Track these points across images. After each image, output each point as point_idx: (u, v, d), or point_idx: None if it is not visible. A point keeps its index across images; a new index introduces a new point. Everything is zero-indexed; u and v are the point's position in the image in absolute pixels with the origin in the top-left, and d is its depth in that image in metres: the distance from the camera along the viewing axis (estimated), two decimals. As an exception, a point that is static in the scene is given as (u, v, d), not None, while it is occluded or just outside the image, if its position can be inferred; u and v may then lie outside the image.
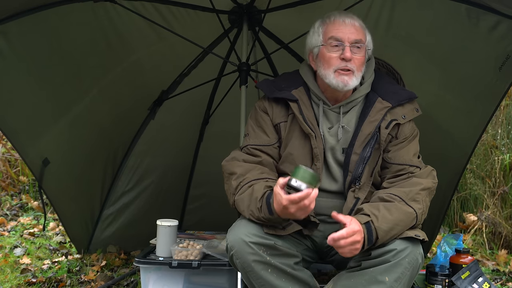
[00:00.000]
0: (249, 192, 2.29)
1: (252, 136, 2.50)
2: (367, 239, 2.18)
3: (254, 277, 2.25)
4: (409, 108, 2.47)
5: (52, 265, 3.78)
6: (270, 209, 2.19)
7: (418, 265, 2.24)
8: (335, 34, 2.40)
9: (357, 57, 2.39)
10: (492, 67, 2.79)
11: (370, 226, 2.19)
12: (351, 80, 2.39)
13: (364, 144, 2.40)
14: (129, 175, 3.88)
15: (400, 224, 2.24)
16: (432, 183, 2.39)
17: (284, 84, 2.53)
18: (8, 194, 5.42)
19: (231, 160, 2.46)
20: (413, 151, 2.45)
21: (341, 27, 2.41)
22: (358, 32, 2.41)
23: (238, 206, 2.34)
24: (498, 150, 4.75)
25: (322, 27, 2.46)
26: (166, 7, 3.14)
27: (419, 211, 2.30)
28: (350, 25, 2.41)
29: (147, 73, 3.49)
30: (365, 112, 2.45)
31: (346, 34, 2.39)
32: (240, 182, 2.34)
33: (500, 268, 3.89)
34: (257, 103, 2.56)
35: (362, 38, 2.42)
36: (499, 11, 2.62)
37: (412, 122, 2.49)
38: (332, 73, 2.39)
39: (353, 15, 2.46)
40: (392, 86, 2.52)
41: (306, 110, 2.44)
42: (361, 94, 2.48)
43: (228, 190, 2.41)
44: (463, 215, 4.63)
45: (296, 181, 2.08)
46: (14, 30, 2.67)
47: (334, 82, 2.39)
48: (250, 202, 2.26)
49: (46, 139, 3.22)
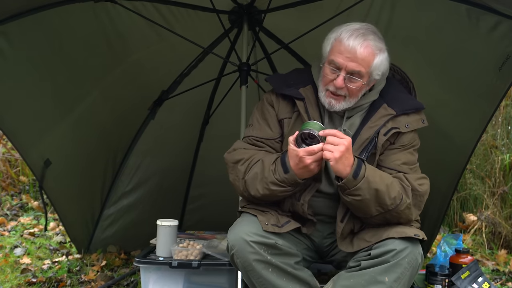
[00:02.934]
0: (259, 165, 2.34)
1: (256, 127, 2.51)
2: (353, 171, 2.21)
3: (255, 276, 2.25)
4: (414, 118, 2.45)
5: (52, 265, 3.78)
6: (286, 167, 2.25)
7: (418, 265, 2.25)
8: (335, 58, 2.35)
9: (351, 86, 2.36)
10: (492, 67, 2.79)
11: (361, 163, 2.25)
12: (338, 104, 2.39)
13: (361, 149, 2.40)
14: (129, 175, 3.88)
15: (383, 185, 2.25)
16: (418, 186, 2.36)
17: (294, 80, 2.52)
18: (8, 194, 5.42)
19: (233, 150, 2.47)
20: (404, 159, 2.41)
21: (344, 52, 2.34)
22: (359, 65, 2.33)
23: (249, 185, 2.35)
24: (498, 150, 4.75)
25: (333, 41, 2.40)
26: (166, 7, 3.14)
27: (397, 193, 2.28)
28: (353, 52, 2.33)
29: (147, 73, 3.49)
30: (367, 118, 2.45)
31: (346, 61, 2.33)
32: (248, 164, 2.37)
33: (500, 268, 3.89)
34: (265, 95, 2.57)
35: (362, 70, 2.34)
36: (499, 11, 2.62)
37: (414, 133, 2.47)
38: (324, 91, 2.41)
39: (367, 38, 2.34)
40: (401, 95, 2.49)
41: (311, 109, 2.45)
42: (367, 100, 2.47)
43: (236, 177, 2.40)
44: (463, 215, 4.63)
45: (308, 130, 2.22)
46: (15, 31, 2.67)
47: (322, 100, 2.42)
48: (263, 170, 2.31)
49: (48, 139, 3.22)
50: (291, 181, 2.28)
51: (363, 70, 2.35)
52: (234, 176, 2.42)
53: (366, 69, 2.35)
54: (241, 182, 2.38)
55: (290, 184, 2.29)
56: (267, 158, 2.35)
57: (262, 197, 2.35)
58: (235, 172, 2.41)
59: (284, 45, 3.28)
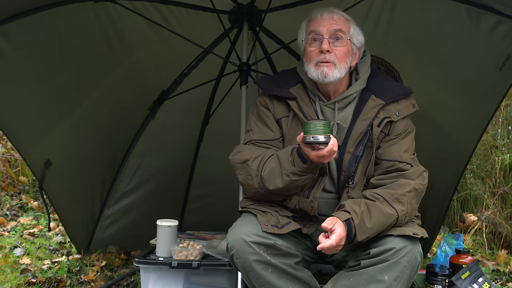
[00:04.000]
0: (274, 160, 2.34)
1: (256, 131, 2.50)
2: (346, 236, 2.21)
3: (255, 277, 2.25)
4: (404, 104, 2.45)
5: (52, 265, 3.78)
6: (303, 158, 2.26)
7: (417, 263, 2.25)
8: (313, 28, 2.43)
9: (337, 48, 2.40)
10: (492, 67, 2.79)
11: (350, 224, 2.23)
12: (331, 71, 2.38)
13: (356, 143, 2.40)
14: (129, 175, 3.88)
15: (378, 225, 2.26)
16: (420, 185, 2.38)
17: (283, 81, 2.54)
18: (8, 194, 5.41)
19: (238, 152, 2.46)
20: (405, 148, 2.42)
21: (319, 21, 2.43)
22: (337, 23, 2.42)
23: (266, 180, 2.34)
24: (498, 150, 4.75)
25: (306, 24, 2.49)
26: (166, 7, 3.14)
27: (402, 213, 2.30)
28: (329, 18, 2.43)
29: (147, 73, 3.50)
30: (358, 110, 2.45)
31: (324, 26, 2.41)
32: (260, 161, 2.37)
33: (500, 268, 3.89)
34: (258, 99, 2.57)
35: (343, 28, 2.42)
36: (500, 11, 2.62)
37: (407, 118, 2.47)
38: (313, 67, 2.41)
39: (334, 9, 2.48)
40: (387, 83, 2.51)
41: (305, 107, 2.45)
42: (356, 90, 2.48)
43: (249, 176, 2.38)
44: (463, 215, 4.63)
45: (312, 137, 2.19)
46: (15, 31, 2.67)
47: (315, 75, 2.40)
48: (281, 164, 2.31)
49: (48, 140, 3.22)
50: (311, 169, 2.31)
51: (343, 28, 2.42)
52: (246, 175, 2.40)
53: (345, 28, 2.42)
54: (256, 179, 2.36)
55: (311, 171, 2.32)
56: (282, 153, 2.36)
57: (281, 189, 2.35)
58: (246, 171, 2.39)
59: (284, 45, 3.28)
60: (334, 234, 2.17)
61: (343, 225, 2.21)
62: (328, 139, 2.20)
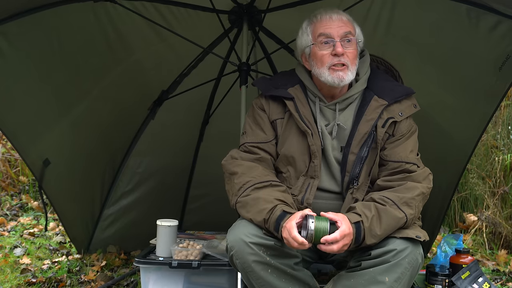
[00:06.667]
0: (253, 198, 2.28)
1: (250, 134, 2.50)
2: (355, 239, 2.19)
3: (254, 277, 2.25)
4: (406, 104, 2.45)
5: (52, 265, 3.78)
6: (278, 229, 2.20)
7: (418, 265, 2.24)
8: (323, 31, 2.40)
9: (349, 51, 2.39)
10: (492, 67, 2.79)
11: (359, 227, 2.20)
12: (346, 75, 2.38)
13: (361, 144, 2.40)
14: (129, 175, 3.88)
15: (388, 230, 2.24)
16: (427, 188, 2.38)
17: (281, 82, 2.53)
18: (8, 194, 5.42)
19: (230, 159, 2.46)
20: (410, 148, 2.43)
21: (328, 23, 2.41)
22: (346, 26, 2.41)
23: (239, 208, 2.33)
24: (498, 150, 4.75)
25: (310, 26, 2.47)
26: (166, 7, 3.14)
27: (410, 217, 2.29)
28: (338, 20, 2.41)
29: (147, 73, 3.49)
30: (361, 111, 2.44)
31: (335, 29, 2.39)
32: (243, 184, 2.33)
33: (500, 268, 3.89)
34: (254, 100, 2.57)
35: (352, 30, 2.42)
36: (500, 11, 2.62)
37: (410, 119, 2.47)
38: (327, 71, 2.39)
39: (339, 10, 2.47)
40: (388, 83, 2.51)
41: (302, 108, 2.45)
42: (357, 90, 2.47)
43: (230, 191, 2.39)
44: (463, 215, 4.63)
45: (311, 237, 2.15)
46: (14, 31, 2.67)
47: (330, 79, 2.39)
48: (256, 209, 2.25)
49: (47, 139, 3.22)
50: (276, 236, 2.24)
51: (352, 30, 2.42)
52: (229, 188, 2.41)
53: (353, 30, 2.43)
54: (234, 198, 2.35)
55: (275, 236, 2.25)
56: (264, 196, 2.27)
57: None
58: (230, 184, 2.40)
59: (284, 45, 3.28)
60: (339, 230, 2.16)
61: (351, 226, 2.19)
62: (311, 240, 2.15)
